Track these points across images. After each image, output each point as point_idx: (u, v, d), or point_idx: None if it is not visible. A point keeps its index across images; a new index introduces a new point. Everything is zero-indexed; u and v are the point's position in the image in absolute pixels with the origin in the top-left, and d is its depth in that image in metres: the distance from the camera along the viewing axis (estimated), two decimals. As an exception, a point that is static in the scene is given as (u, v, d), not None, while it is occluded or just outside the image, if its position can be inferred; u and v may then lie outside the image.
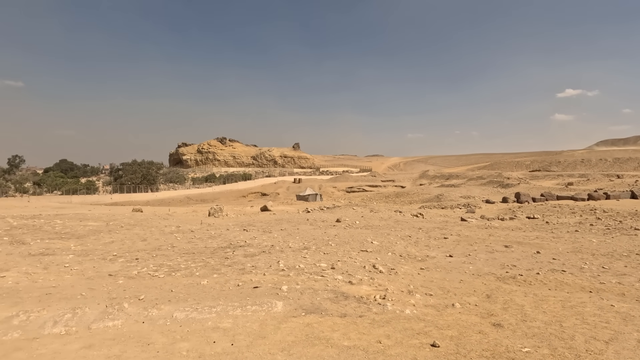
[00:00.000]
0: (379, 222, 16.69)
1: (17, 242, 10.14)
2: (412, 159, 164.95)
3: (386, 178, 79.89)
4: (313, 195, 46.28)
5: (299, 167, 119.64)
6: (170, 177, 72.38)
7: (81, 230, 12.57)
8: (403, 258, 8.88)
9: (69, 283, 6.41)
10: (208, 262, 8.07)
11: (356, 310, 5.02)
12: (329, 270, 7.35)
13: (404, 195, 42.12)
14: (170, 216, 20.11)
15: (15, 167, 73.26)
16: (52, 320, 4.48)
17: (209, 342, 3.96)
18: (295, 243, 10.65)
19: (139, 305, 5.06)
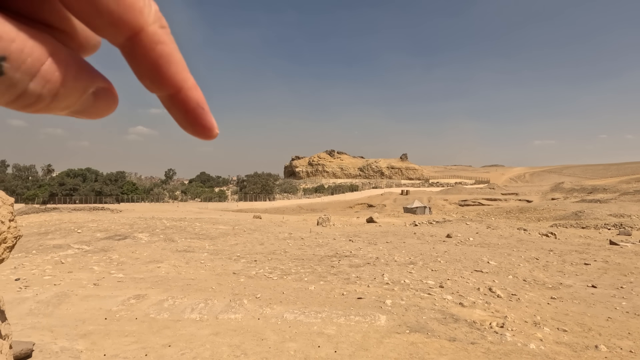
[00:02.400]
0: (497, 240, 14.92)
1: (168, 239, 12.46)
2: (541, 169, 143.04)
3: (507, 191, 70.94)
4: (421, 207, 44.20)
5: (407, 179, 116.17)
6: (285, 188, 78.93)
7: (213, 232, 14.71)
8: (527, 283, 7.73)
9: (203, 277, 7.56)
10: (315, 269, 8.48)
11: (467, 336, 4.58)
12: (436, 288, 6.90)
13: (530, 210, 36.67)
14: (284, 223, 21.86)
15: (170, 179, 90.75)
16: (190, 307, 5.36)
17: (314, 345, 4.15)
18: (401, 257, 10.34)
19: (255, 302, 5.64)
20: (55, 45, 0.19)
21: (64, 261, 8.79)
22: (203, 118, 0.24)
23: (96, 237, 12.35)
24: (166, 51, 0.21)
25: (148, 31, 0.21)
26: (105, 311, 5.20)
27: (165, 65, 0.22)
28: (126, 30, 0.20)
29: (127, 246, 11.02)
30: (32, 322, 4.70)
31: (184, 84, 0.23)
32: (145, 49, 0.21)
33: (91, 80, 0.21)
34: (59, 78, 0.19)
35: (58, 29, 0.21)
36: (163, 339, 4.29)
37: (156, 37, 0.21)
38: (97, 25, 0.20)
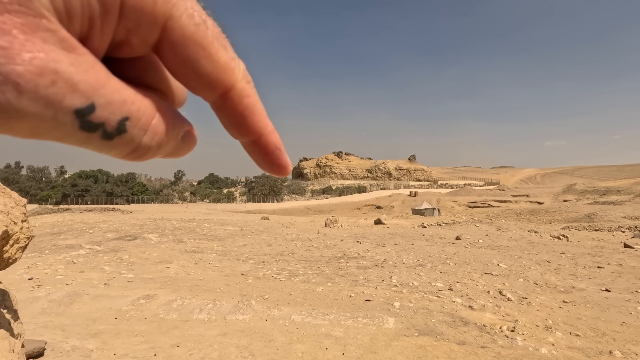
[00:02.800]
0: (507, 243, 14.72)
1: (177, 240, 12.58)
2: (552, 170, 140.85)
3: (518, 192, 70.02)
4: (430, 209, 43.88)
5: (415, 180, 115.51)
6: (293, 189, 79.09)
7: (222, 233, 14.80)
8: (539, 287, 7.60)
9: (212, 278, 7.60)
10: (323, 271, 8.46)
11: (477, 339, 4.52)
12: (445, 291, 6.83)
13: (542, 212, 36.13)
14: (292, 225, 21.90)
15: (179, 180, 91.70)
16: (198, 307, 5.39)
17: (322, 347, 4.14)
18: (410, 259, 10.26)
19: (263, 304, 5.65)
20: (159, 102, 0.22)
21: (75, 261, 8.93)
22: (280, 158, 0.27)
23: (107, 237, 12.52)
24: (251, 103, 0.24)
25: (237, 88, 0.23)
26: (116, 311, 5.27)
27: (250, 116, 0.24)
28: (220, 89, 0.23)
29: (137, 247, 11.15)
30: (44, 321, 4.78)
31: (264, 130, 0.25)
32: (234, 103, 0.24)
33: (182, 126, 0.24)
34: (164, 130, 0.22)
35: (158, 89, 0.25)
36: (172, 339, 4.32)
37: (244, 92, 0.24)
38: (195, 86, 0.23)
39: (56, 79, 0.16)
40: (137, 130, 0.20)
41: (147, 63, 0.24)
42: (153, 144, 0.22)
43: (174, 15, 0.20)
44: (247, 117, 0.24)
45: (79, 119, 0.18)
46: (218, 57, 0.22)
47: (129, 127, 0.20)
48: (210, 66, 0.21)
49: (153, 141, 0.21)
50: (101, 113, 0.18)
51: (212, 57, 0.21)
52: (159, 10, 0.19)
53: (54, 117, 0.17)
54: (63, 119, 0.17)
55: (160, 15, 0.19)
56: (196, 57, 0.21)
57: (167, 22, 0.20)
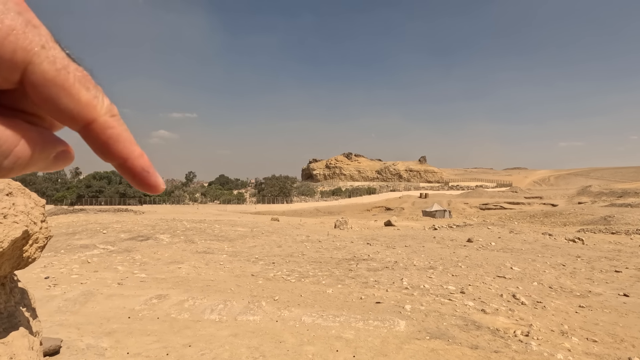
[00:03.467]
0: (520, 245, 14.46)
1: (189, 240, 12.71)
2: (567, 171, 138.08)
3: (531, 194, 68.77)
4: (441, 211, 43.44)
5: (426, 182, 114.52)
6: (302, 190, 79.19)
7: (232, 234, 14.91)
8: (554, 290, 7.44)
9: (222, 278, 7.66)
10: (333, 272, 8.44)
11: (490, 344, 4.44)
12: (457, 294, 6.74)
13: (556, 215, 35.41)
14: (302, 226, 21.92)
15: (190, 181, 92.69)
16: (210, 308, 5.43)
17: (332, 350, 4.12)
18: (420, 261, 10.16)
19: (273, 305, 5.67)
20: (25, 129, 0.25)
21: (90, 261, 9.10)
22: (148, 179, 0.30)
23: (120, 237, 12.73)
24: (115, 133, 0.28)
25: (99, 121, 0.27)
26: (129, 310, 5.34)
27: (113, 144, 0.28)
28: (82, 122, 0.26)
29: (150, 247, 11.31)
30: (60, 319, 4.88)
31: (130, 155, 0.29)
32: (97, 133, 0.27)
33: (54, 148, 0.28)
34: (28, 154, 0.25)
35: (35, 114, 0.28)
36: (184, 339, 4.36)
37: (106, 124, 0.27)
38: (59, 118, 0.26)
39: None
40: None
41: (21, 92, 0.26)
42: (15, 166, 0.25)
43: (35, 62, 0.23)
44: (111, 145, 0.28)
45: None
46: (79, 97, 0.25)
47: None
48: (71, 104, 0.25)
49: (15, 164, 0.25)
50: None
51: (73, 97, 0.25)
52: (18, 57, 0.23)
53: None
54: None
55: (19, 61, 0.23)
56: (57, 96, 0.25)
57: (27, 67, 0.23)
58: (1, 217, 1.37)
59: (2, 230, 1.36)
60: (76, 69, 0.25)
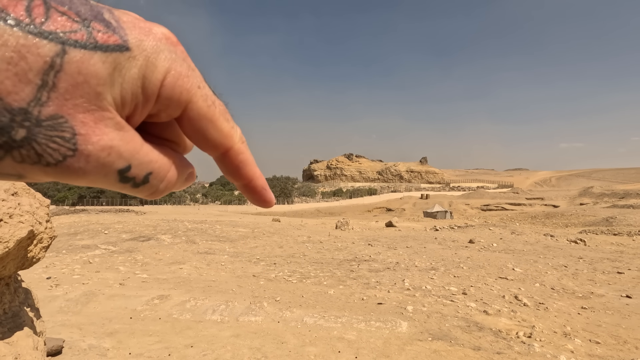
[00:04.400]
0: (522, 247, 14.44)
1: (190, 241, 12.72)
2: (568, 172, 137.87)
3: (532, 195, 68.65)
4: (442, 212, 43.40)
5: (427, 182, 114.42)
6: (303, 191, 79.20)
7: (233, 235, 14.91)
8: (556, 292, 7.43)
9: (224, 279, 7.66)
10: (335, 273, 8.44)
11: (493, 345, 4.43)
12: (459, 295, 6.73)
13: (557, 216, 35.35)
14: (303, 227, 21.91)
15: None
16: (211, 308, 5.43)
17: (334, 350, 4.11)
18: (422, 262, 10.15)
19: (275, 305, 5.66)
20: (173, 155, 0.30)
21: (91, 261, 9.11)
22: (266, 196, 0.35)
23: (122, 238, 12.75)
24: (244, 158, 0.32)
25: (234, 148, 0.31)
26: (131, 310, 5.35)
27: (243, 167, 0.33)
28: (222, 150, 0.31)
29: (151, 247, 11.32)
30: (62, 319, 4.88)
31: (253, 176, 0.33)
32: (231, 159, 0.32)
33: (187, 170, 0.32)
34: (175, 178, 0.30)
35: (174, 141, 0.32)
36: (185, 340, 4.36)
37: (239, 151, 0.32)
38: (203, 147, 0.31)
39: (111, 152, 0.24)
40: (156, 181, 0.28)
41: (167, 124, 0.31)
42: (166, 188, 0.30)
43: (193, 100, 0.28)
44: (241, 169, 0.33)
45: (119, 175, 0.26)
46: (222, 128, 0.30)
47: (151, 179, 0.28)
48: (216, 134, 0.29)
49: (166, 187, 0.30)
50: (134, 171, 0.26)
51: (218, 128, 0.29)
52: (183, 98, 0.27)
53: (105, 175, 0.25)
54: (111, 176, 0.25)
55: (184, 101, 0.27)
56: (206, 128, 0.29)
57: (187, 105, 0.28)
58: (7, 217, 1.37)
59: (8, 230, 1.36)
60: (220, 103, 0.30)
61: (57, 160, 0.23)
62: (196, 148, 0.35)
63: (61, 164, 0.23)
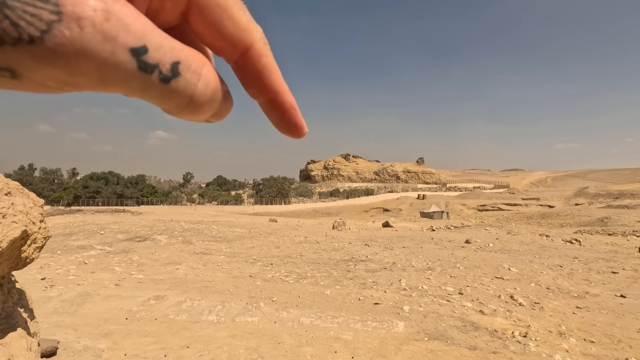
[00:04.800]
0: (518, 247, 14.51)
1: (186, 242, 12.67)
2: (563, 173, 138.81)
3: (528, 196, 69.06)
4: (439, 212, 43.53)
5: (423, 183, 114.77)
6: (300, 191, 79.18)
7: (230, 235, 14.87)
8: (551, 291, 7.47)
9: (220, 279, 7.63)
10: (331, 273, 8.44)
11: (489, 344, 4.45)
12: (455, 295, 6.75)
13: (553, 216, 35.58)
14: (300, 227, 21.90)
15: (187, 182, 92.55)
16: (207, 309, 5.41)
17: (331, 351, 4.11)
18: (419, 262, 10.17)
19: (271, 306, 5.65)
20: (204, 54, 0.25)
21: (87, 262, 9.05)
22: (296, 117, 0.29)
23: (117, 238, 12.68)
24: (268, 62, 0.27)
25: (255, 47, 0.26)
26: (126, 311, 5.32)
27: (267, 74, 0.27)
28: (241, 48, 0.26)
29: (147, 248, 11.26)
30: (57, 320, 4.85)
31: (280, 89, 0.28)
32: (253, 62, 0.27)
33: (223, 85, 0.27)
34: (215, 79, 0.25)
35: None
36: (181, 340, 4.34)
37: (261, 51, 0.27)
38: (219, 46, 0.26)
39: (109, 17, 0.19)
40: (190, 74, 0.23)
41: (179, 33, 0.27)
42: (208, 92, 0.24)
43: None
44: (265, 76, 0.27)
45: (136, 58, 0.20)
46: (239, 19, 0.25)
47: (182, 71, 0.22)
48: (232, 27, 0.25)
49: (207, 89, 0.24)
50: (154, 54, 0.21)
51: (234, 19, 0.25)
52: None
53: (113, 53, 0.20)
54: (122, 56, 0.20)
55: None
56: (220, 18, 0.25)
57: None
58: (0, 217, 1.36)
59: (1, 230, 1.35)
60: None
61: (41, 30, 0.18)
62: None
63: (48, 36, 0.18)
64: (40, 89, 0.21)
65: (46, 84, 0.20)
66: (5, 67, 0.19)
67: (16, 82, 0.20)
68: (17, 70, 0.19)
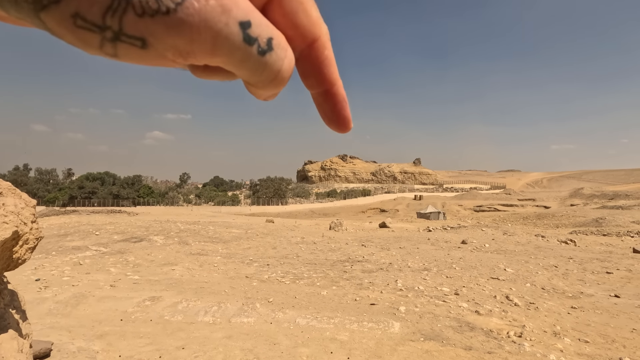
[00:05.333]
0: (514, 247, 14.59)
1: (183, 242, 12.62)
2: (559, 174, 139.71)
3: (524, 196, 69.42)
4: (435, 213, 43.66)
5: (420, 184, 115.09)
6: (297, 192, 79.13)
7: (226, 236, 14.83)
8: (546, 292, 7.51)
9: (216, 280, 7.61)
10: (328, 274, 8.44)
11: (484, 345, 4.47)
12: (451, 295, 6.77)
13: (548, 217, 35.80)
14: (296, 228, 21.88)
15: (184, 182, 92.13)
16: (203, 310, 5.39)
17: (327, 351, 4.11)
18: (415, 263, 10.20)
19: (267, 307, 5.64)
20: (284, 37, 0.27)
21: (82, 262, 8.99)
22: (347, 110, 0.31)
23: (113, 239, 12.61)
24: (330, 55, 0.29)
25: (321, 40, 0.29)
26: (121, 312, 5.29)
27: (328, 66, 0.29)
28: (309, 39, 0.28)
29: (143, 248, 11.21)
30: (51, 322, 4.81)
31: (337, 81, 0.30)
32: (317, 53, 0.29)
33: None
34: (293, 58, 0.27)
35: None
36: (177, 341, 4.32)
37: (325, 44, 0.29)
38: (292, 35, 0.28)
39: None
40: (280, 50, 0.25)
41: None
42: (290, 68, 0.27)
43: None
44: (325, 67, 0.29)
45: (242, 31, 0.23)
46: (311, 13, 0.28)
47: (274, 46, 0.25)
48: (306, 19, 0.27)
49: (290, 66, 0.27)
50: (256, 29, 0.24)
51: (307, 12, 0.27)
52: None
53: (227, 25, 0.22)
54: (233, 28, 0.23)
55: None
56: (296, 10, 0.27)
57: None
58: (-10, 218, 1.35)
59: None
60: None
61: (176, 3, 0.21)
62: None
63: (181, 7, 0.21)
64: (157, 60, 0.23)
65: (165, 55, 0.22)
66: (140, 36, 0.21)
67: (142, 52, 0.22)
68: (148, 39, 0.21)
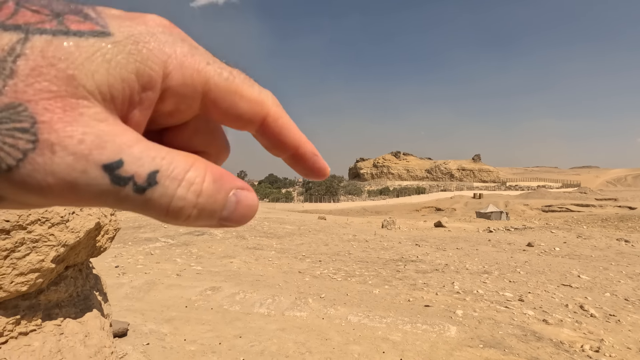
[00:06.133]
0: (590, 252, 13.11)
1: (240, 237, 13.29)
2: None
3: (603, 196, 62.02)
4: (497, 213, 40.79)
5: (480, 181, 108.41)
6: (349, 190, 79.04)
7: (280, 231, 15.31)
8: (631, 303, 6.65)
9: (271, 274, 7.90)
10: (380, 273, 8.32)
11: (553, 357, 4.09)
12: (515, 301, 6.29)
13: (634, 219, 31.58)
14: (348, 225, 21.87)
15: (242, 179, 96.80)
16: (259, 302, 5.63)
17: (379, 351, 4.06)
18: (474, 265, 9.64)
19: (319, 302, 5.72)
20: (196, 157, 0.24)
21: (153, 253, 9.89)
22: (318, 163, 0.31)
23: (179, 232, 13.68)
24: (285, 122, 0.28)
25: (271, 114, 0.27)
26: (186, 300, 5.72)
27: (286, 133, 0.28)
28: (259, 119, 0.27)
29: (205, 241, 12.01)
30: (127, 305, 5.36)
31: (300, 141, 0.29)
32: (271, 127, 0.28)
33: (230, 183, 0.25)
34: (201, 180, 0.23)
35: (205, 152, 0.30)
36: (235, 330, 4.57)
37: (277, 115, 0.28)
38: (240, 125, 0.27)
39: (84, 139, 0.20)
40: (169, 181, 0.22)
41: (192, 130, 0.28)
42: (189, 195, 0.22)
43: (208, 79, 0.24)
44: (284, 135, 0.28)
45: (109, 174, 0.20)
46: (249, 96, 0.26)
47: (159, 179, 0.21)
48: (246, 105, 0.26)
49: (189, 192, 0.22)
50: (131, 167, 0.21)
51: (245, 98, 0.26)
52: (197, 80, 0.24)
53: (84, 172, 0.20)
54: (93, 173, 0.20)
55: (198, 84, 0.24)
56: (234, 103, 0.25)
57: (204, 87, 0.24)
58: (78, 210, 1.55)
59: (79, 222, 1.53)
60: (237, 72, 0.26)
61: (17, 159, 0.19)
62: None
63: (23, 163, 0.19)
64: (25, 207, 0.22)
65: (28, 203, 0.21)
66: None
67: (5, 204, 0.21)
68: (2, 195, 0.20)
